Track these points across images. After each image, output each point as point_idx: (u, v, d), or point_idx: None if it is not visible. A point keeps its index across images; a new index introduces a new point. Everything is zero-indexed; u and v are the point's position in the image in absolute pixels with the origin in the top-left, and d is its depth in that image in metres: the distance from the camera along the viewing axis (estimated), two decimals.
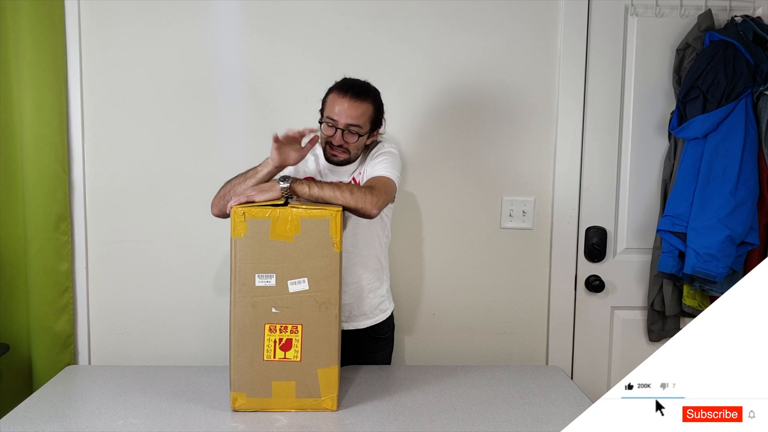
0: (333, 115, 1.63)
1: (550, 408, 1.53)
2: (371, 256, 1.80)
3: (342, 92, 1.64)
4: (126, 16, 2.06)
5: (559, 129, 2.14)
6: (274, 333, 1.44)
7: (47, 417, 1.43)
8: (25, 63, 1.98)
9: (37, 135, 2.00)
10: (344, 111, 1.62)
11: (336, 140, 1.64)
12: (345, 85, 1.67)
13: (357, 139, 1.65)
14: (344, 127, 1.63)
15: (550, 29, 2.12)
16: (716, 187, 1.92)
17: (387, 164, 1.69)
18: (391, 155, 1.73)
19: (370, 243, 1.79)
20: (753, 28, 1.98)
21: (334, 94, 1.66)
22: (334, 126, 1.63)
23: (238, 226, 1.42)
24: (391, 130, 2.11)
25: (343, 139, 1.64)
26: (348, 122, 1.62)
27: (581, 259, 2.20)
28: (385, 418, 1.45)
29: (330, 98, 1.66)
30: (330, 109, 1.65)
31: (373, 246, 1.80)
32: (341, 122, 1.63)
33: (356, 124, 1.63)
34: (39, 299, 2.04)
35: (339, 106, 1.62)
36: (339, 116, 1.62)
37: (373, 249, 1.80)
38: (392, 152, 1.74)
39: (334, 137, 1.64)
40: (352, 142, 1.65)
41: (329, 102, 1.66)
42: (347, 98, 1.63)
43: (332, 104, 1.64)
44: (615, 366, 2.23)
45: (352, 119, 1.62)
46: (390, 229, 1.87)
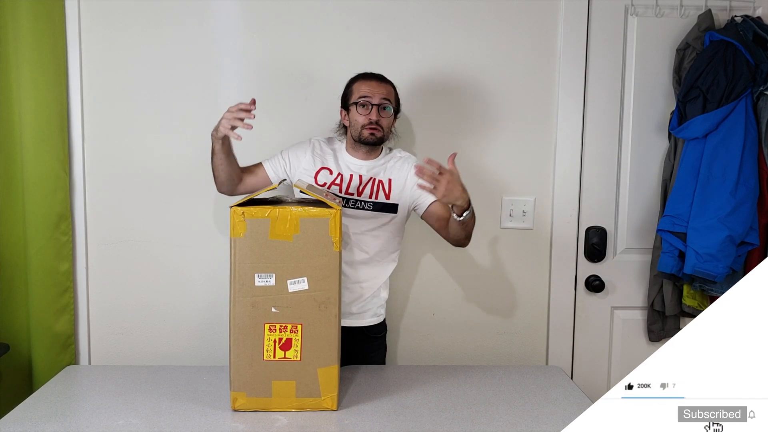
0: (366, 94, 1.76)
1: (550, 408, 1.53)
2: (389, 262, 1.87)
3: (367, 78, 1.79)
4: (126, 16, 2.06)
5: (559, 129, 2.14)
6: (273, 333, 1.44)
7: (47, 417, 1.43)
8: (25, 63, 1.98)
9: (37, 135, 2.00)
10: (375, 90, 1.76)
11: (373, 116, 1.74)
12: (367, 73, 1.81)
13: (389, 114, 1.77)
14: (379, 102, 1.75)
15: (550, 29, 2.12)
16: (716, 187, 1.92)
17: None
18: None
19: (392, 250, 1.87)
20: (753, 28, 1.98)
21: (360, 80, 1.79)
22: (368, 103, 1.75)
23: (237, 225, 1.42)
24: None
25: (378, 114, 1.74)
26: (381, 98, 1.75)
27: (581, 259, 2.20)
28: (385, 418, 1.45)
29: (356, 85, 1.79)
30: (360, 92, 1.77)
31: (391, 253, 1.87)
32: (375, 99, 1.75)
33: (388, 99, 1.77)
34: (39, 299, 2.04)
35: (368, 87, 1.76)
36: (372, 95, 1.75)
37: (390, 256, 1.87)
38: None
39: (371, 113, 1.74)
40: (386, 117, 1.77)
41: (356, 88, 1.78)
42: (374, 80, 1.78)
43: (360, 87, 1.77)
44: (615, 366, 2.23)
45: (384, 95, 1.76)
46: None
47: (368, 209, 1.79)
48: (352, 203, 1.79)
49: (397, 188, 1.81)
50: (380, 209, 1.80)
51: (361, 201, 1.79)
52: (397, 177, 1.82)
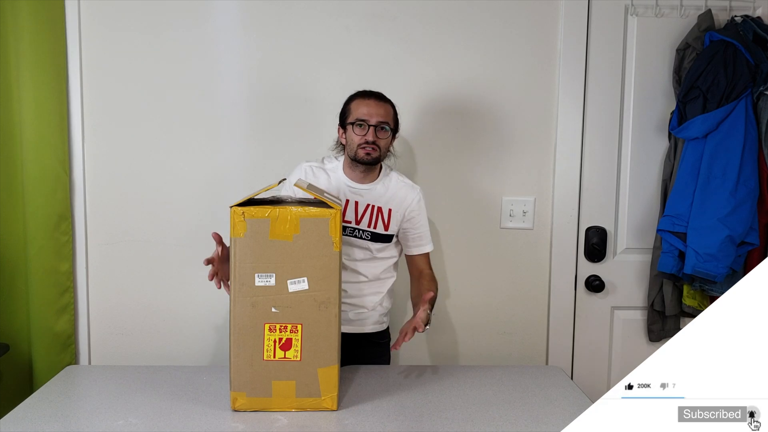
0: (363, 116, 1.72)
1: (550, 408, 1.53)
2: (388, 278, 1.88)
3: (366, 96, 1.76)
4: (126, 17, 2.06)
5: (559, 129, 2.14)
6: (273, 333, 1.43)
7: (47, 417, 1.43)
8: (25, 64, 1.98)
9: (37, 135, 2.00)
10: (373, 110, 1.72)
11: (370, 137, 1.71)
12: (366, 91, 1.78)
13: (387, 135, 1.74)
14: (376, 123, 1.71)
15: (550, 29, 2.12)
16: (716, 187, 1.92)
17: (428, 233, 1.86)
18: (424, 216, 1.84)
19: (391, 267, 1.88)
20: (753, 28, 1.98)
21: (358, 99, 1.76)
22: (365, 124, 1.71)
23: (237, 225, 1.41)
24: None
25: (375, 135, 1.71)
26: (379, 120, 1.72)
27: (581, 259, 2.20)
28: (385, 418, 1.45)
29: (354, 104, 1.75)
30: (358, 112, 1.73)
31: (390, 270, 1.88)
32: (373, 120, 1.71)
33: (385, 121, 1.73)
34: (39, 299, 2.04)
35: (366, 107, 1.73)
36: (369, 116, 1.72)
37: (389, 272, 1.88)
38: (423, 209, 1.84)
39: (367, 134, 1.71)
40: (383, 138, 1.73)
41: (354, 107, 1.75)
42: (373, 100, 1.74)
43: (358, 107, 1.74)
44: (615, 366, 2.23)
45: (382, 117, 1.72)
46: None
47: (366, 239, 1.77)
48: (350, 231, 1.76)
49: (395, 220, 1.80)
50: (377, 239, 1.79)
51: (359, 230, 1.77)
52: (397, 209, 1.79)
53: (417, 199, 1.82)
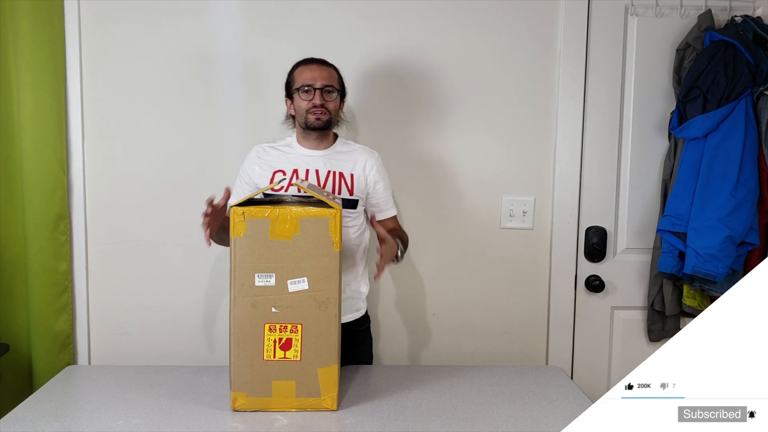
0: (307, 81, 1.73)
1: (550, 408, 1.53)
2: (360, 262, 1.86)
3: (308, 62, 1.77)
4: (125, 16, 2.06)
5: (559, 129, 2.14)
6: (273, 333, 1.44)
7: (47, 417, 1.43)
8: (24, 63, 1.98)
9: (36, 135, 2.00)
10: (317, 74, 1.73)
11: (317, 99, 1.72)
12: (307, 58, 1.79)
13: (335, 98, 1.75)
14: (321, 87, 1.72)
15: (550, 29, 2.12)
16: (716, 187, 1.92)
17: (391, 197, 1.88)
18: (385, 181, 1.85)
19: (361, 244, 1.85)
20: (753, 28, 1.98)
21: (301, 66, 1.77)
22: (311, 88, 1.72)
23: (237, 225, 1.42)
24: (391, 129, 2.12)
25: (323, 98, 1.72)
26: (324, 83, 1.72)
27: (581, 259, 2.20)
28: (385, 418, 1.45)
29: (298, 71, 1.76)
30: (302, 78, 1.74)
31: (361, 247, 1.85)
32: (318, 83, 1.72)
33: (330, 84, 1.74)
34: (39, 299, 2.04)
35: (310, 72, 1.74)
36: (314, 80, 1.72)
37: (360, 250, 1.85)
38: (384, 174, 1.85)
39: (314, 98, 1.72)
40: (331, 101, 1.74)
41: (298, 74, 1.76)
42: (315, 65, 1.76)
43: (302, 74, 1.75)
44: (615, 366, 2.23)
45: (326, 80, 1.73)
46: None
47: None
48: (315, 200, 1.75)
49: (359, 184, 1.78)
50: (344, 206, 1.73)
51: None
52: (359, 173, 1.79)
53: (377, 165, 1.83)
